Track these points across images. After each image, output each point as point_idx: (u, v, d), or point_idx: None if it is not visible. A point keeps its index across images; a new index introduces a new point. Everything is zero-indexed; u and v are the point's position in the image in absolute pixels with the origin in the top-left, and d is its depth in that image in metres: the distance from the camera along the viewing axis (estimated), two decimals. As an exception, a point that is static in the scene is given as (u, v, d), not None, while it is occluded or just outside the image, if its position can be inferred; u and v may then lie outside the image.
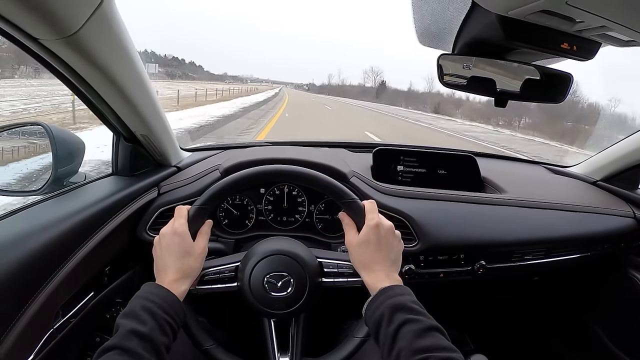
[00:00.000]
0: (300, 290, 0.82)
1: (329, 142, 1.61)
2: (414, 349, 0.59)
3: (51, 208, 0.85)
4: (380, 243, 0.76)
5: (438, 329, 0.63)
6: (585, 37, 0.69)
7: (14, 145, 1.05)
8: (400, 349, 0.60)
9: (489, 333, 1.69)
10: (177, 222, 0.77)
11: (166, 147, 1.11)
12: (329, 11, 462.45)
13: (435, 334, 0.62)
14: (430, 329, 0.62)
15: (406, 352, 0.59)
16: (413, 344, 0.60)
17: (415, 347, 0.59)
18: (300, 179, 0.86)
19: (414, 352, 0.58)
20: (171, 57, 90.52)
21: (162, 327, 0.65)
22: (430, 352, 0.58)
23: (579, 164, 1.63)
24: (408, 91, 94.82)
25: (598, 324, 1.51)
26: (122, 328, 0.62)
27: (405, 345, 0.60)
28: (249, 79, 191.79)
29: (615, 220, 1.29)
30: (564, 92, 0.84)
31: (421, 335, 0.61)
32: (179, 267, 0.74)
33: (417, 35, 0.83)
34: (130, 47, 0.78)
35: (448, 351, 0.59)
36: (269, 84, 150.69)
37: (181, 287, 0.73)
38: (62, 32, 0.60)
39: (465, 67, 0.84)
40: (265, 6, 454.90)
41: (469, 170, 1.37)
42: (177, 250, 0.75)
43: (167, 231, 0.77)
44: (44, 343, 0.76)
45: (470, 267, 1.14)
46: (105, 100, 0.84)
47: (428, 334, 0.61)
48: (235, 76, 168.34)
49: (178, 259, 0.75)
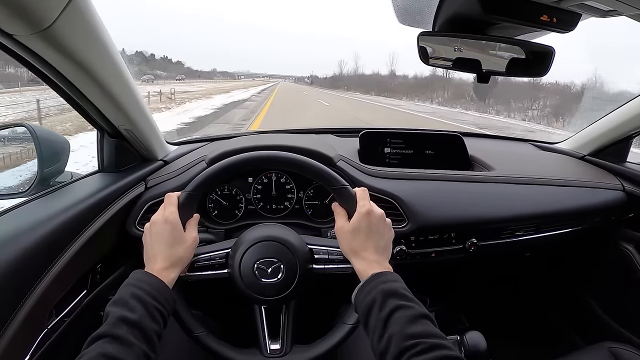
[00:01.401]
0: (291, 276, 0.82)
1: (316, 129, 1.61)
2: (405, 335, 0.59)
3: (38, 208, 0.84)
4: (371, 230, 0.76)
5: (428, 316, 0.64)
6: (565, 9, 0.69)
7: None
8: (392, 334, 0.60)
9: (483, 311, 1.70)
10: (167, 210, 0.77)
11: (151, 141, 1.10)
12: (325, 5, 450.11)
13: (426, 321, 0.62)
14: (421, 316, 0.62)
15: (398, 337, 0.59)
16: (405, 330, 0.60)
17: (407, 332, 0.59)
18: (290, 165, 0.86)
19: (405, 337, 0.59)
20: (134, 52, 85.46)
21: (152, 314, 0.64)
22: (421, 337, 0.58)
23: (566, 140, 1.64)
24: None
25: (592, 296, 1.53)
26: (112, 316, 0.62)
27: (397, 331, 0.60)
28: (244, 75, 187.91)
29: (605, 194, 1.30)
30: (547, 66, 0.84)
31: (413, 321, 0.61)
32: (169, 255, 0.74)
33: (397, 14, 0.83)
34: (108, 41, 0.77)
35: (438, 338, 0.59)
36: (265, 79, 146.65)
37: (170, 274, 0.73)
38: (36, 26, 0.59)
39: (450, 48, 0.84)
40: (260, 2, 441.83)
41: (456, 150, 1.37)
42: (167, 239, 0.75)
43: (157, 219, 0.77)
44: (39, 343, 0.76)
45: (461, 245, 1.14)
46: (85, 96, 0.83)
47: (419, 321, 0.61)
48: (225, 72, 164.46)
49: (168, 247, 0.75)
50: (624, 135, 1.41)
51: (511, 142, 1.78)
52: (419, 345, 0.57)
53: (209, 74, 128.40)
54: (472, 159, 1.38)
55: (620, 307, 1.42)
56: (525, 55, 0.84)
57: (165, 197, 0.80)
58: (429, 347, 0.57)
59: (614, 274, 1.44)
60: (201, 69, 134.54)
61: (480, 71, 0.85)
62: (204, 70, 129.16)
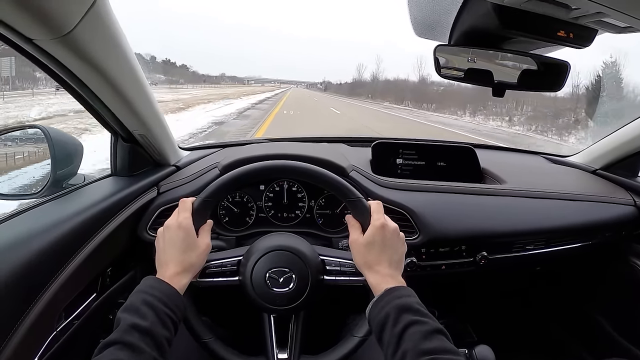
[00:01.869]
0: (302, 286, 0.82)
1: (328, 137, 1.61)
2: (419, 351, 0.59)
3: (51, 210, 0.85)
4: (385, 244, 0.76)
5: (443, 332, 0.63)
6: (582, 25, 0.68)
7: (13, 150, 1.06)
8: (406, 350, 0.60)
9: (492, 324, 1.69)
10: (181, 216, 0.77)
11: (164, 146, 1.10)
12: (341, 11, 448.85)
13: (440, 336, 0.62)
14: (435, 331, 0.62)
15: (412, 354, 0.59)
16: (419, 346, 0.60)
17: (421, 348, 0.59)
18: (306, 176, 0.86)
19: (419, 353, 0.59)
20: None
21: (163, 320, 0.64)
22: (436, 354, 0.58)
23: (578, 153, 1.62)
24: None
25: (601, 313, 1.51)
26: (123, 322, 0.62)
27: (411, 347, 0.60)
28: (254, 80, 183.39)
29: (616, 209, 1.29)
30: (562, 81, 0.83)
31: (427, 337, 0.61)
32: (181, 261, 0.74)
33: (413, 26, 0.83)
34: (126, 46, 0.77)
35: (453, 354, 0.59)
36: (276, 84, 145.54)
37: (182, 280, 0.73)
38: (56, 31, 0.60)
39: (462, 59, 0.84)
40: (272, 9, 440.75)
41: (468, 162, 1.37)
42: (180, 245, 0.75)
43: (171, 224, 0.77)
44: (48, 345, 0.76)
45: (472, 258, 1.14)
46: (102, 101, 0.84)
47: (434, 337, 0.61)
48: (234, 77, 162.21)
49: (181, 253, 0.75)
50: (636, 150, 1.39)
51: (522, 155, 1.77)
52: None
53: (216, 78, 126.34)
54: (484, 171, 1.38)
55: (629, 323, 1.40)
56: (537, 67, 0.84)
57: (180, 203, 0.80)
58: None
59: (623, 290, 1.42)
60: (208, 73, 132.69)
61: (492, 83, 0.84)
62: (210, 74, 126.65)
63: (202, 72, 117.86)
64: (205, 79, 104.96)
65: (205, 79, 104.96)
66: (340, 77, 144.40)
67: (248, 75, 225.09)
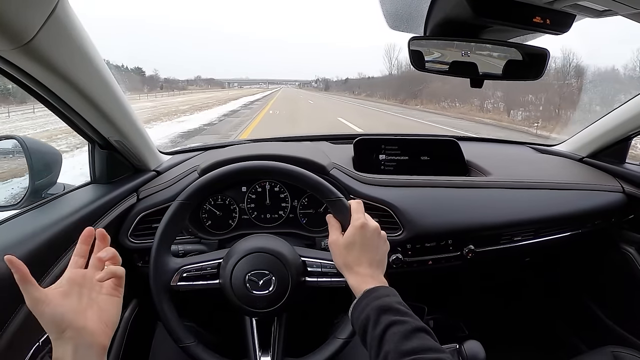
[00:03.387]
0: (282, 289, 0.81)
1: (310, 136, 1.60)
2: (401, 351, 0.58)
3: (29, 221, 0.83)
4: (366, 244, 0.74)
5: (425, 329, 0.62)
6: (558, 10, 0.67)
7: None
8: (387, 351, 0.59)
9: (483, 317, 1.69)
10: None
11: (143, 151, 1.09)
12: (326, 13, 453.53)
13: (422, 334, 0.61)
14: (416, 330, 0.61)
15: (393, 355, 0.58)
16: (400, 346, 0.58)
17: (402, 349, 0.58)
18: (284, 176, 0.86)
19: (401, 354, 0.57)
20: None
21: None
22: (417, 353, 0.57)
23: (564, 142, 1.62)
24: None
25: (593, 300, 1.51)
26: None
27: (392, 348, 0.59)
28: (237, 82, 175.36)
29: (605, 196, 1.29)
30: (542, 68, 0.83)
31: (408, 337, 0.60)
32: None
33: (386, 19, 0.82)
34: (93, 52, 0.76)
35: (435, 352, 0.58)
36: (262, 86, 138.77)
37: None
38: (16, 41, 0.58)
39: (445, 52, 0.82)
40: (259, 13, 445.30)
41: (452, 155, 1.36)
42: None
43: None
44: (32, 356, 0.75)
45: (459, 252, 1.13)
46: (72, 108, 0.82)
47: (415, 336, 0.60)
48: (210, 79, 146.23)
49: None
50: (623, 136, 1.39)
51: (508, 146, 1.77)
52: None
53: (182, 83, 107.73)
54: (469, 164, 1.37)
55: (622, 310, 1.40)
56: (522, 57, 0.83)
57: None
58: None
59: (615, 277, 1.42)
60: (174, 76, 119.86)
61: (476, 75, 0.83)
62: (176, 78, 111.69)
63: (165, 76, 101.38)
64: (164, 84, 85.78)
65: (164, 84, 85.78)
66: (338, 73, 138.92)
67: (231, 77, 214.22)
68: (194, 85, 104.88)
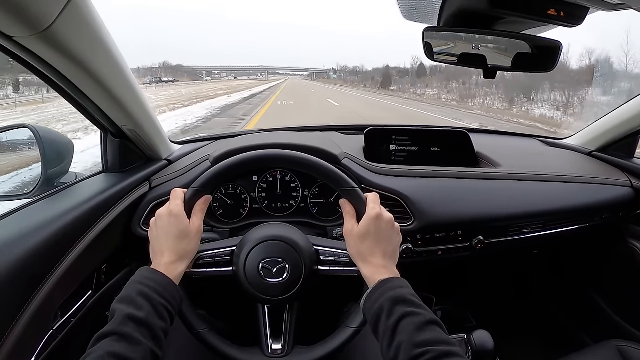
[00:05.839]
0: (296, 277, 0.81)
1: (320, 126, 1.60)
2: (414, 342, 0.59)
3: (43, 209, 0.84)
4: (380, 235, 0.75)
5: (437, 322, 0.63)
6: (572, 2, 0.67)
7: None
8: (401, 342, 0.60)
9: (491, 308, 1.70)
10: (172, 204, 0.76)
11: (155, 140, 1.09)
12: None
13: (434, 327, 0.62)
14: (430, 322, 0.62)
15: (406, 345, 0.59)
16: (413, 337, 0.59)
17: (416, 340, 0.59)
18: (298, 165, 0.85)
19: (414, 345, 0.58)
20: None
21: (159, 311, 0.64)
22: (430, 345, 0.58)
23: (573, 135, 1.62)
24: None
25: (599, 294, 1.52)
26: (119, 313, 0.61)
27: (406, 339, 0.60)
28: (227, 71, 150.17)
29: (613, 190, 1.29)
30: (554, 61, 0.82)
31: (421, 328, 0.61)
32: (175, 248, 0.73)
33: (401, 9, 0.82)
34: (109, 41, 0.76)
35: (447, 345, 0.59)
36: (260, 78, 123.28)
37: (177, 269, 0.72)
38: (35, 27, 0.59)
39: (453, 41, 0.83)
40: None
41: (462, 146, 1.36)
42: (173, 232, 0.74)
43: (163, 212, 0.76)
44: (45, 344, 0.76)
45: (468, 243, 1.14)
46: (87, 96, 0.83)
47: (428, 328, 0.61)
48: (179, 65, 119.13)
49: (174, 240, 0.74)
50: (632, 131, 1.39)
51: (517, 138, 1.77)
52: (427, 354, 0.56)
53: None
54: (479, 155, 1.37)
55: (628, 304, 1.41)
56: (531, 50, 0.83)
57: (172, 192, 0.79)
58: (438, 355, 0.56)
59: (621, 271, 1.43)
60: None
61: (485, 66, 0.83)
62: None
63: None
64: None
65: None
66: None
67: (220, 64, 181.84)
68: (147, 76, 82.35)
